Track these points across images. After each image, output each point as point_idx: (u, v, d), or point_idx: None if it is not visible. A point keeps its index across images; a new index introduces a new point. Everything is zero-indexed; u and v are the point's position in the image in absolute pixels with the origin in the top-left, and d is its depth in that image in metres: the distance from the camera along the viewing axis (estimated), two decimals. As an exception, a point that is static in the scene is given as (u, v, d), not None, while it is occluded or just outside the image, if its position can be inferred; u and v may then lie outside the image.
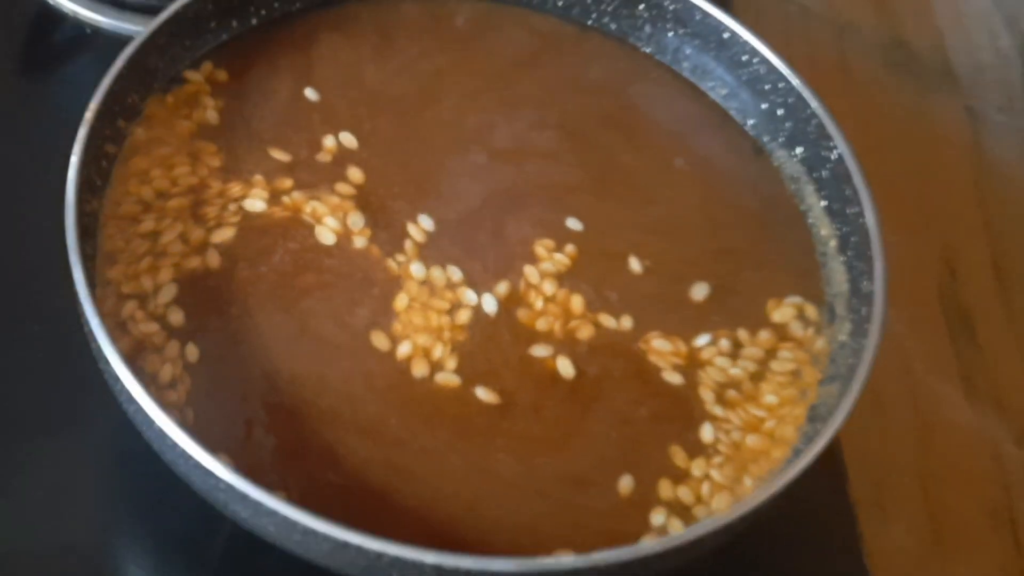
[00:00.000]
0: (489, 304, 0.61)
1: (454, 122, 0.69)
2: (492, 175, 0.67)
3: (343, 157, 0.66)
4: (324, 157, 0.66)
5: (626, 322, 0.63)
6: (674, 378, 0.61)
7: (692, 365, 0.62)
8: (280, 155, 0.65)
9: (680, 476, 0.57)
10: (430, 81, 0.70)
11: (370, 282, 0.62)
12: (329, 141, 0.66)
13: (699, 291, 0.64)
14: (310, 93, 0.68)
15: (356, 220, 0.64)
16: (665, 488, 0.57)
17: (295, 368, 0.58)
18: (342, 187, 0.65)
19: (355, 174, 0.65)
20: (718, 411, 0.60)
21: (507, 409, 0.58)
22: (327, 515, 0.49)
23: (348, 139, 0.67)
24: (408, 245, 0.63)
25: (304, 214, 0.64)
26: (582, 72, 0.73)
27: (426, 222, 0.64)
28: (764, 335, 0.63)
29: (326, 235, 0.63)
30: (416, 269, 0.62)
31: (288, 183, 0.64)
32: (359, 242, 0.63)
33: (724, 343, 0.62)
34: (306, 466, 0.56)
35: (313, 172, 0.65)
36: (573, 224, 0.66)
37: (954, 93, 0.97)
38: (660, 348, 0.62)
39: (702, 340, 0.62)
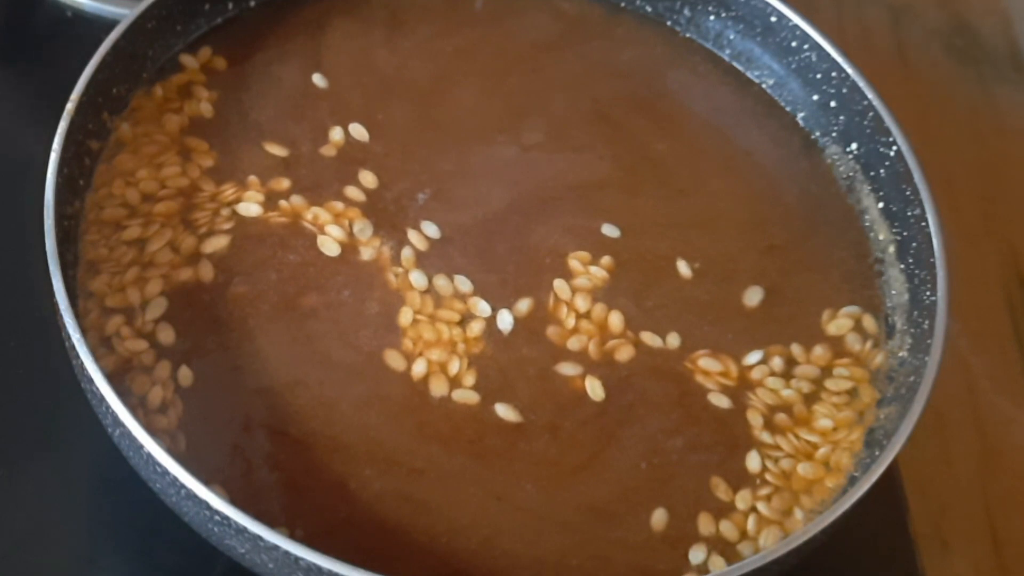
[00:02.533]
0: (504, 321, 0.58)
1: (475, 110, 0.66)
2: (518, 172, 0.64)
3: (351, 152, 0.63)
4: (329, 151, 0.63)
5: (672, 340, 0.59)
6: (721, 401, 0.58)
7: (742, 386, 0.59)
8: (278, 150, 0.62)
9: (723, 509, 0.55)
10: (448, 63, 0.68)
11: (381, 298, 0.59)
12: (336, 134, 0.63)
13: (753, 296, 0.61)
14: (318, 80, 0.65)
15: (363, 228, 0.60)
16: (705, 523, 0.55)
17: (301, 394, 0.56)
18: (348, 190, 0.61)
19: (365, 176, 0.62)
20: (766, 437, 0.57)
21: (527, 429, 0.56)
22: (333, 551, 0.47)
23: (358, 131, 0.64)
24: (408, 254, 0.60)
25: (304, 221, 0.60)
26: (614, 57, 0.70)
27: (431, 229, 0.61)
28: (819, 351, 0.60)
29: (330, 246, 0.60)
30: (418, 279, 0.59)
31: (286, 184, 0.61)
32: (367, 253, 0.60)
33: (777, 361, 0.59)
34: (312, 499, 0.53)
35: (315, 171, 0.62)
36: (609, 230, 0.62)
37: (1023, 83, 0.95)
38: (708, 368, 0.59)
39: (753, 358, 0.59)
